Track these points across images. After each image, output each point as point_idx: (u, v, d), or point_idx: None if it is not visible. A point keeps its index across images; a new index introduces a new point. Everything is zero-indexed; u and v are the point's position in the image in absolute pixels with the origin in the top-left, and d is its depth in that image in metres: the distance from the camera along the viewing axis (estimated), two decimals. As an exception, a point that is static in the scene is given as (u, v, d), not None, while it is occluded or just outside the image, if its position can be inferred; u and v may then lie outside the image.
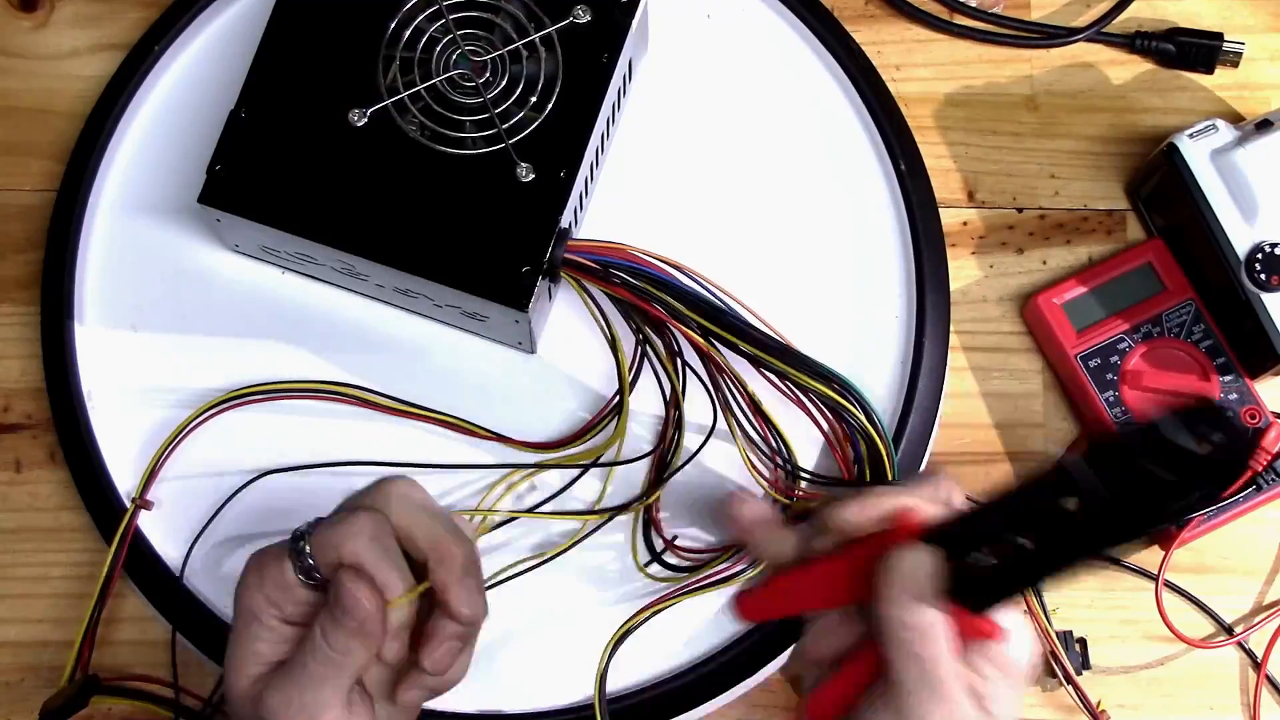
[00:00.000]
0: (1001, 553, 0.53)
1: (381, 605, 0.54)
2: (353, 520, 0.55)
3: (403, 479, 0.58)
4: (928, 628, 0.53)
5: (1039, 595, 0.72)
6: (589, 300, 0.69)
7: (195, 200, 0.69)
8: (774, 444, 0.70)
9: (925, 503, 0.56)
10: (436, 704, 0.69)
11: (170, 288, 0.75)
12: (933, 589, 0.53)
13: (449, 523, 0.57)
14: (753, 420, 0.70)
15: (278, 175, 0.69)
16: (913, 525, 0.54)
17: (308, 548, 0.55)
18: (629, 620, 0.66)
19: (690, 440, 0.71)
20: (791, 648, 0.69)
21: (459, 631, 0.56)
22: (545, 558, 0.70)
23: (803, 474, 0.71)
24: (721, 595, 0.71)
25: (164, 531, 0.72)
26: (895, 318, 0.74)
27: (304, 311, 0.74)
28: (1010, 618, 0.54)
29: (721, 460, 0.72)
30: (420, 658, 0.56)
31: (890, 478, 0.70)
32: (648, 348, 0.70)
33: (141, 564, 0.72)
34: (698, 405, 0.71)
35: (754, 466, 0.70)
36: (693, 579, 0.70)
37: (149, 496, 0.71)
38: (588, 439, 0.72)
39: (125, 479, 0.72)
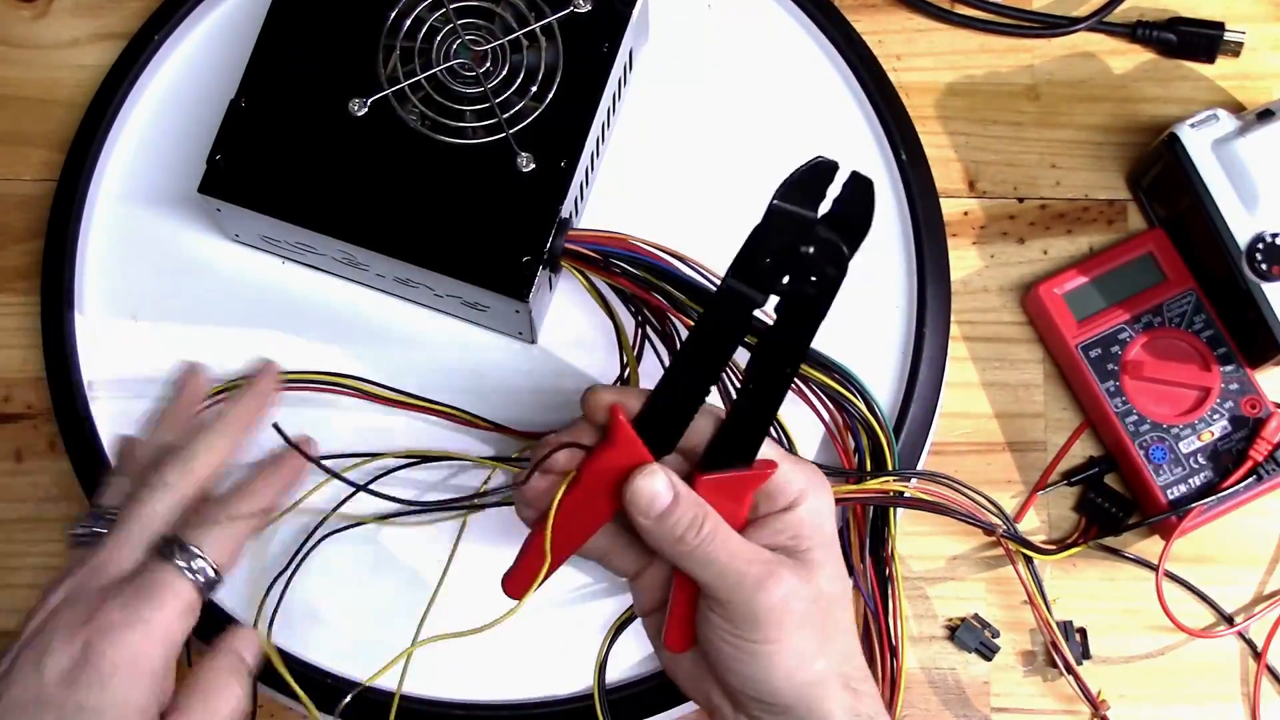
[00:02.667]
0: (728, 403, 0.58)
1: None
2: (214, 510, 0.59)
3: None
4: (701, 534, 0.56)
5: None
6: (592, 289, 0.69)
7: (195, 190, 0.69)
8: (775, 434, 0.70)
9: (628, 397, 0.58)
10: (436, 692, 0.69)
11: (170, 277, 0.75)
12: (674, 496, 0.56)
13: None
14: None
15: (278, 165, 0.69)
16: (623, 420, 0.57)
17: (195, 550, 0.57)
18: (629, 610, 0.66)
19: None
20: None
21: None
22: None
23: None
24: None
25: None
26: (896, 307, 0.74)
27: (304, 301, 0.74)
28: (767, 449, 0.58)
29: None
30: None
31: (891, 467, 0.70)
32: (649, 335, 0.70)
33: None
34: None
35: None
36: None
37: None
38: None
39: (126, 469, 0.72)
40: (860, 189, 0.57)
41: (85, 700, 0.53)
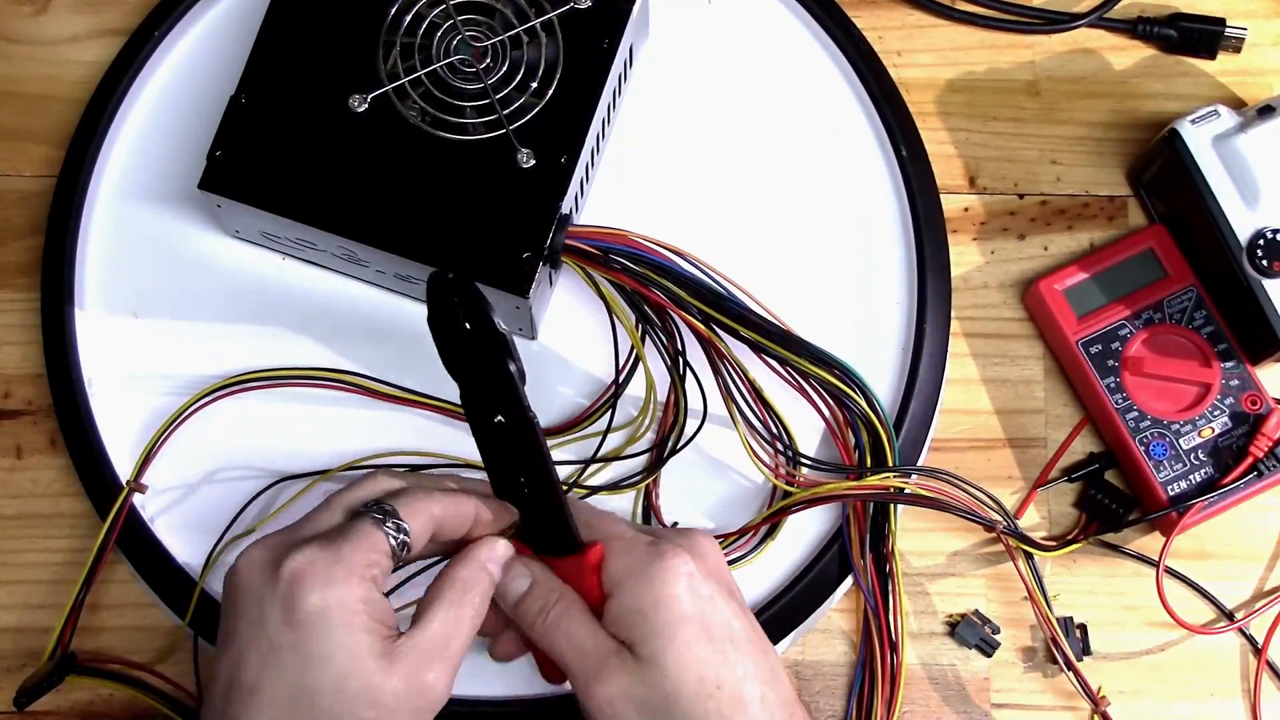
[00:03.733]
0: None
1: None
2: (416, 490, 0.58)
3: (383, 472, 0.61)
4: (546, 621, 0.58)
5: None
6: (594, 283, 0.69)
7: (196, 186, 0.69)
8: (776, 430, 0.70)
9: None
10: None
11: (171, 274, 0.74)
12: (530, 583, 0.59)
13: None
14: (754, 406, 0.70)
15: (278, 161, 0.69)
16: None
17: (400, 520, 0.56)
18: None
19: (693, 427, 0.71)
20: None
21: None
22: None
23: (803, 460, 0.71)
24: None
25: (164, 518, 0.72)
26: (896, 304, 0.74)
27: (305, 298, 0.74)
28: (598, 530, 0.59)
29: (723, 447, 0.72)
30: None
31: (892, 464, 0.70)
32: (648, 330, 0.70)
33: (144, 551, 0.72)
34: (698, 391, 0.71)
35: (754, 452, 0.70)
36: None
37: (144, 480, 0.71)
38: (587, 424, 0.72)
39: (125, 465, 0.72)
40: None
41: (310, 647, 0.53)
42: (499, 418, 0.57)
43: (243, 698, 0.54)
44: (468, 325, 0.56)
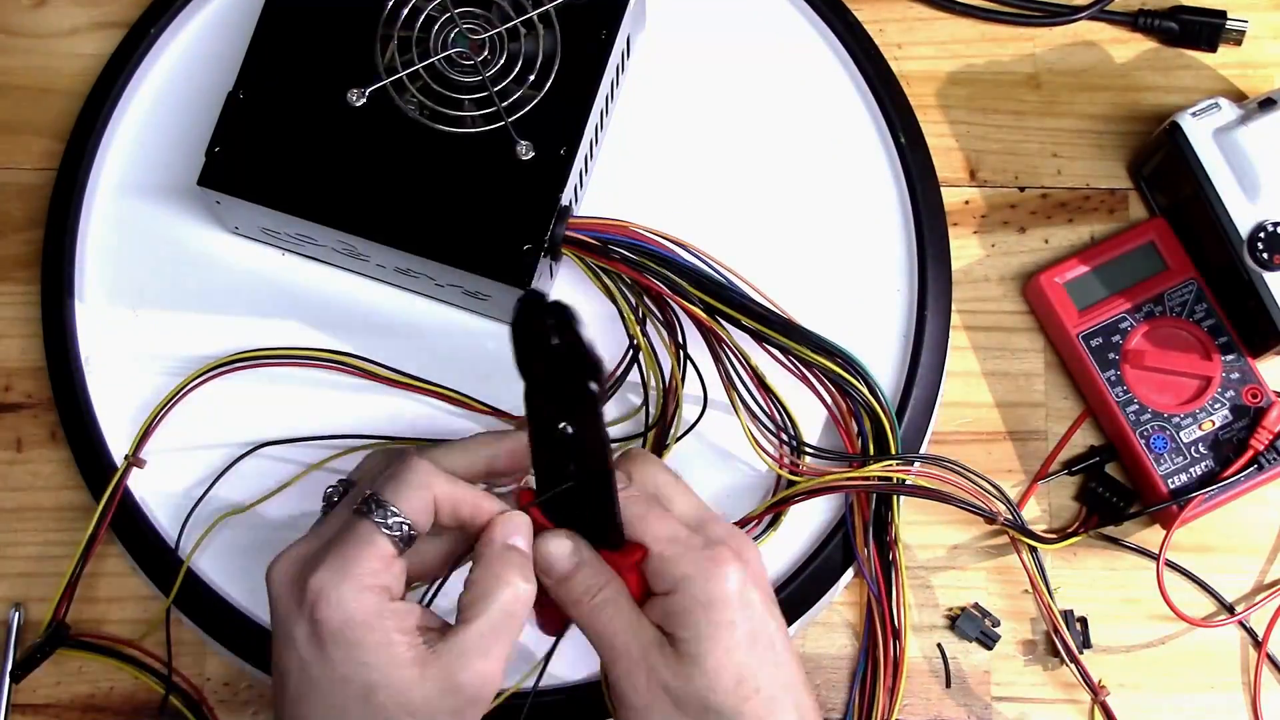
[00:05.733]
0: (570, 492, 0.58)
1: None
2: (417, 464, 0.57)
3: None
4: (593, 601, 0.58)
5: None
6: (595, 274, 0.69)
7: (195, 182, 0.69)
8: (779, 419, 0.70)
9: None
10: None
11: (170, 269, 0.74)
12: (576, 562, 0.58)
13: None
14: (756, 395, 0.70)
15: (276, 156, 0.69)
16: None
17: (391, 508, 0.56)
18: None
19: (692, 416, 0.71)
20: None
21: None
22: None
23: (806, 448, 0.70)
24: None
25: (160, 498, 0.72)
26: (897, 291, 0.74)
27: (305, 293, 0.74)
28: (645, 531, 0.58)
29: (725, 436, 0.72)
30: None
31: (894, 452, 0.70)
32: (649, 320, 0.70)
33: (139, 536, 0.72)
34: (699, 381, 0.71)
35: (756, 441, 0.70)
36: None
37: (142, 456, 0.72)
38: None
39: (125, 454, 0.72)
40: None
41: (337, 669, 0.55)
42: (565, 426, 0.56)
43: (293, 707, 0.56)
44: (554, 340, 0.55)
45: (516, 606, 0.57)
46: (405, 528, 0.56)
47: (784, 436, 0.70)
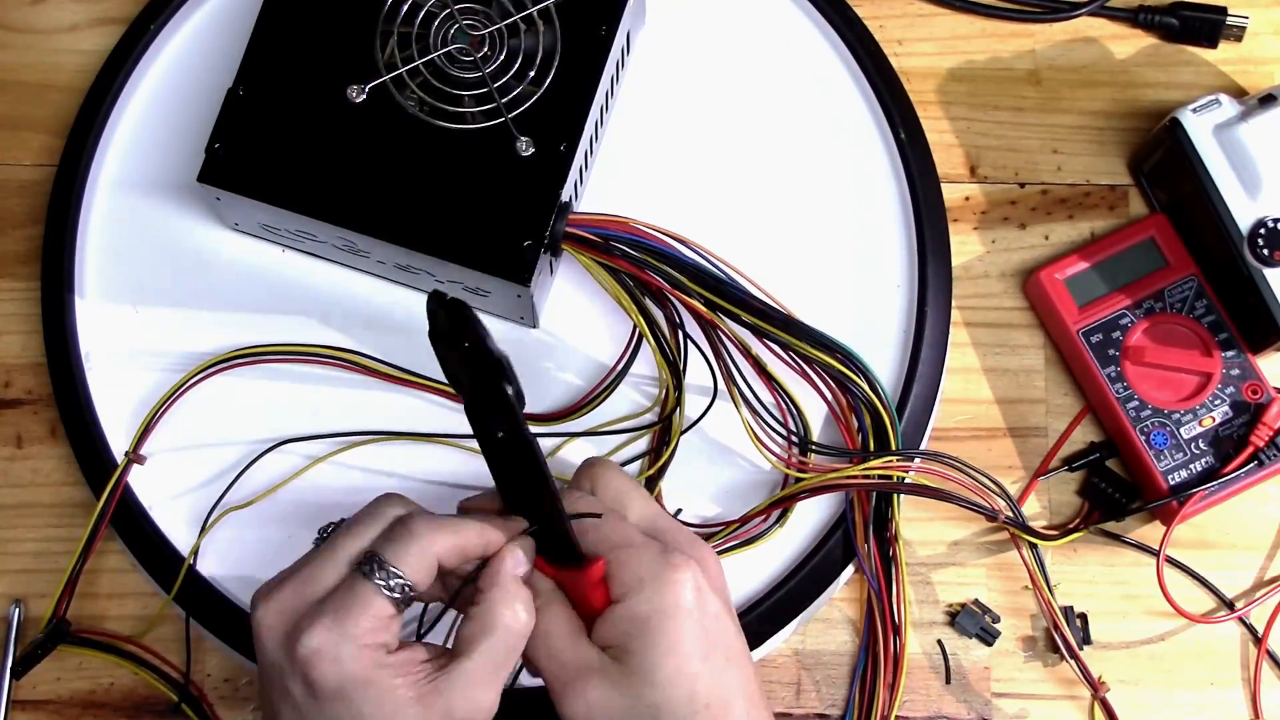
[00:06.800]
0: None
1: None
2: (417, 524, 0.56)
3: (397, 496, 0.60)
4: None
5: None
6: (596, 270, 0.69)
7: (194, 179, 0.69)
8: (788, 415, 0.70)
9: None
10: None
11: (171, 265, 0.74)
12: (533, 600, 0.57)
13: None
14: (760, 391, 0.70)
15: (277, 153, 0.69)
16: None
17: (393, 569, 0.55)
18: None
19: (695, 413, 0.71)
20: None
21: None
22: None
23: (811, 445, 0.70)
24: (726, 568, 0.71)
25: (160, 494, 0.72)
26: (897, 287, 0.74)
27: (305, 290, 0.74)
28: (600, 540, 0.58)
29: (727, 433, 0.72)
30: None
31: (894, 448, 0.70)
32: (650, 316, 0.70)
33: (139, 532, 0.72)
34: (700, 378, 0.71)
35: (757, 438, 0.70)
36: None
37: (142, 454, 0.72)
38: (587, 411, 0.72)
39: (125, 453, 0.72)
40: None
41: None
42: (500, 433, 0.57)
43: None
44: (466, 345, 0.56)
45: (518, 640, 0.57)
46: (406, 589, 0.56)
47: (785, 432, 0.70)
